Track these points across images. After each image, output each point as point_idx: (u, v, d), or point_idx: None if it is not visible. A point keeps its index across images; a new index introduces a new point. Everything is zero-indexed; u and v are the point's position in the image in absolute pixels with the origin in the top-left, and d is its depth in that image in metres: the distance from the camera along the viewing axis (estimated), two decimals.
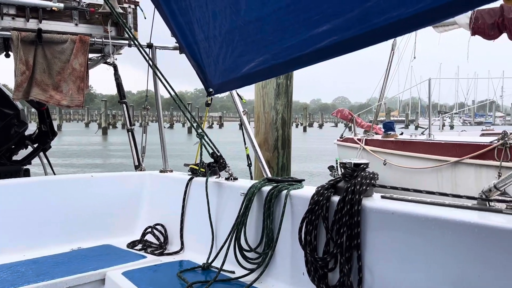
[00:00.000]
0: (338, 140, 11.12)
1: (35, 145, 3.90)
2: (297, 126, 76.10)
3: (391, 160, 8.36)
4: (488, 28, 7.24)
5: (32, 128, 4.03)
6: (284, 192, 2.28)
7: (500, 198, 1.73)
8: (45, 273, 2.41)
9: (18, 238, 2.83)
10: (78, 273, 2.41)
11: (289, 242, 2.24)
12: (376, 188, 2.00)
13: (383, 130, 9.66)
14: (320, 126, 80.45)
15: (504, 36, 7.25)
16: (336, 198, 1.97)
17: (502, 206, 1.66)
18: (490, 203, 1.71)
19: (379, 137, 9.45)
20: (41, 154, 4.03)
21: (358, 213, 1.87)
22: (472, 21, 7.40)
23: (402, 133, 10.00)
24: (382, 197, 1.98)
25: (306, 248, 2.02)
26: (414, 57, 12.15)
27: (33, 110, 4.15)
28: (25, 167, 3.81)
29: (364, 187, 1.91)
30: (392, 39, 9.98)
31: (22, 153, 3.88)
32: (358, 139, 9.87)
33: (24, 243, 2.82)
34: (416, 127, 44.18)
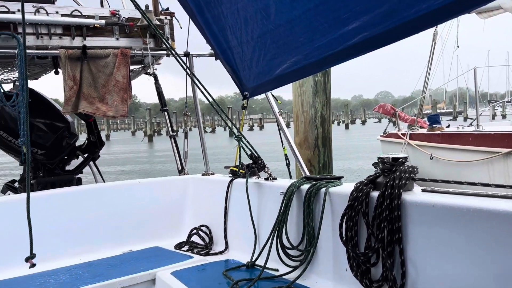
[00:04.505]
0: (381, 136, 10.89)
1: (85, 155, 4.13)
2: (338, 123, 74.82)
3: (438, 154, 8.09)
4: None
5: (82, 139, 4.26)
6: (323, 189, 2.30)
7: None
8: (100, 275, 2.56)
9: (74, 243, 3.02)
10: (130, 274, 2.55)
11: (330, 238, 2.26)
12: (418, 182, 1.98)
13: (428, 123, 9.37)
14: (363, 122, 78.78)
15: None
16: (375, 194, 1.97)
17: None
18: None
19: (424, 131, 9.17)
20: (91, 163, 4.25)
21: (398, 207, 1.86)
22: None
23: (448, 126, 9.66)
24: (423, 190, 1.96)
25: (348, 244, 2.03)
26: (458, 46, 11.71)
27: (82, 122, 4.38)
28: (77, 176, 4.04)
29: (403, 181, 1.90)
30: (433, 28, 9.67)
31: (73, 163, 4.11)
32: (402, 134, 9.63)
33: (80, 248, 3.01)
34: (465, 119, 42.20)
